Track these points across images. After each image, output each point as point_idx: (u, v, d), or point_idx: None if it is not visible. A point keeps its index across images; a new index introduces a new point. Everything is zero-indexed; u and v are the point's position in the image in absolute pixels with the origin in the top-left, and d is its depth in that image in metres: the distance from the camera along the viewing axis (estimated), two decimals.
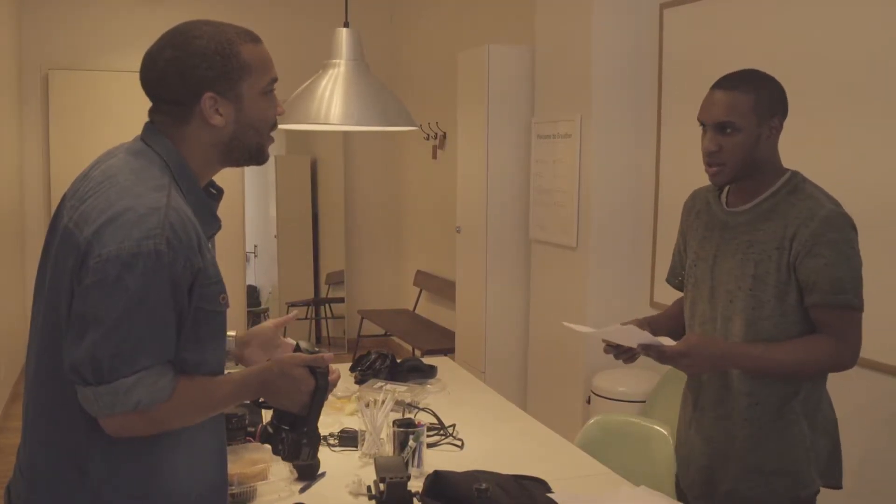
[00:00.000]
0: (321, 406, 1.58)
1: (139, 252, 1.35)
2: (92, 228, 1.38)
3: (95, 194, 1.42)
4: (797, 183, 2.01)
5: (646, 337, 1.98)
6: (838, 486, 2.09)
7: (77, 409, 1.41)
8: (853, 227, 1.95)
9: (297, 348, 1.67)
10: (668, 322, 2.29)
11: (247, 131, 1.53)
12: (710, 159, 2.01)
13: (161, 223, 1.37)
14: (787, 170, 2.05)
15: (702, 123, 2.03)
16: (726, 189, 2.14)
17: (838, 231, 1.92)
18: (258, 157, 1.58)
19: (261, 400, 1.60)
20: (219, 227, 1.58)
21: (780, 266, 1.96)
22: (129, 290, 1.34)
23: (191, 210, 1.46)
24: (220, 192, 1.62)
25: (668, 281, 2.36)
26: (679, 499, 2.25)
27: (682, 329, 2.25)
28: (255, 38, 1.55)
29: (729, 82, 2.00)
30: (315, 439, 1.60)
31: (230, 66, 1.48)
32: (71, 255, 1.40)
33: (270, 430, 1.61)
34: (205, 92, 1.47)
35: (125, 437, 1.42)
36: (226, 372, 1.58)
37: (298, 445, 1.59)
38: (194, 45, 1.47)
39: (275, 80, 1.56)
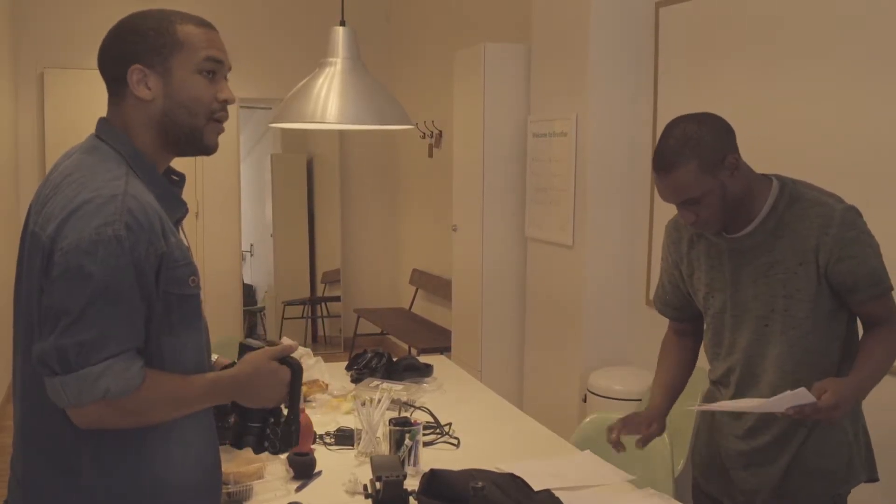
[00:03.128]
0: (300, 391, 1.58)
1: (99, 239, 1.35)
2: (53, 225, 1.38)
3: (55, 195, 1.43)
4: (791, 190, 1.96)
5: (792, 398, 1.83)
6: (876, 479, 2.08)
7: (63, 412, 1.40)
8: (860, 214, 1.93)
9: (249, 347, 1.60)
10: (675, 387, 2.21)
11: (178, 109, 1.51)
12: (694, 226, 1.99)
13: (119, 209, 1.37)
14: (769, 178, 2.00)
15: None
16: None
17: (854, 226, 1.90)
18: (197, 144, 1.54)
19: (229, 406, 1.58)
20: (185, 211, 1.57)
21: (809, 279, 1.92)
22: (92, 277, 1.35)
23: (153, 196, 1.46)
24: (182, 177, 1.62)
25: (668, 315, 2.28)
26: (697, 499, 2.24)
27: (687, 376, 2.23)
28: (201, 22, 1.54)
29: (664, 162, 1.92)
30: (299, 423, 1.60)
31: (161, 41, 1.49)
32: (37, 256, 1.41)
33: (243, 433, 1.58)
34: (132, 64, 1.48)
35: (98, 430, 1.41)
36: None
37: (289, 434, 1.58)
38: (131, 23, 1.51)
39: (212, 59, 1.52)
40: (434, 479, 1.98)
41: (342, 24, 3.11)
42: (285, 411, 1.59)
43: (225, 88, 1.56)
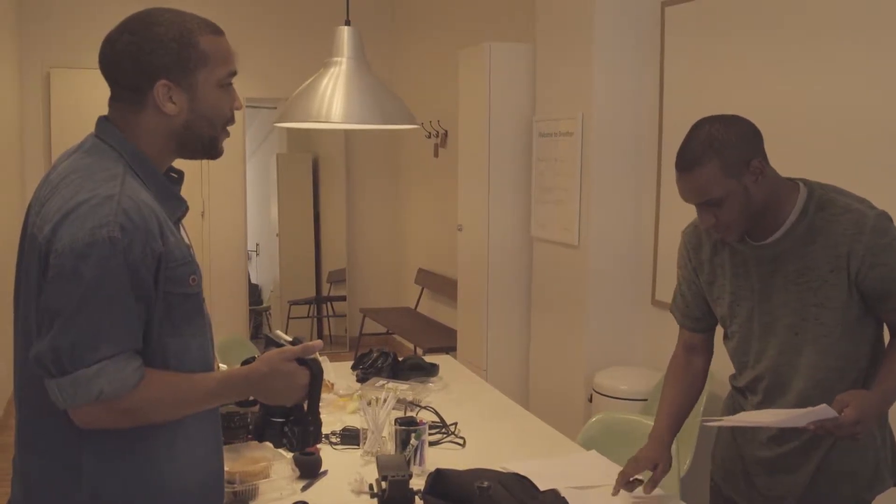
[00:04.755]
0: (319, 393, 1.57)
1: (93, 241, 1.35)
2: (49, 227, 1.38)
3: (53, 196, 1.43)
4: (820, 195, 1.91)
5: (813, 413, 1.79)
6: None
7: (64, 411, 1.40)
8: (891, 220, 1.89)
9: (274, 342, 1.61)
10: (680, 416, 2.16)
11: (200, 122, 1.51)
12: (714, 230, 1.94)
13: (114, 210, 1.37)
14: (796, 182, 1.95)
15: None
16: None
17: (887, 233, 1.86)
18: (211, 151, 1.56)
19: (250, 398, 1.59)
20: (185, 209, 1.57)
21: (840, 287, 1.88)
22: (85, 279, 1.34)
23: (151, 195, 1.46)
24: (181, 175, 1.61)
25: (688, 326, 2.20)
26: (715, 499, 2.22)
27: (694, 402, 2.18)
28: (216, 30, 1.53)
29: (686, 161, 1.88)
30: (319, 423, 1.59)
31: (186, 54, 1.48)
32: (34, 258, 1.41)
33: (264, 426, 1.59)
34: (159, 79, 1.47)
35: (100, 429, 1.41)
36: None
37: (307, 434, 1.58)
38: (152, 31, 1.47)
39: (233, 73, 1.55)
40: (440, 479, 1.98)
41: (347, 23, 3.11)
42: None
43: (236, 96, 1.57)
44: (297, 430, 1.57)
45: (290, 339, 1.59)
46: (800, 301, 1.93)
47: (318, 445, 2.33)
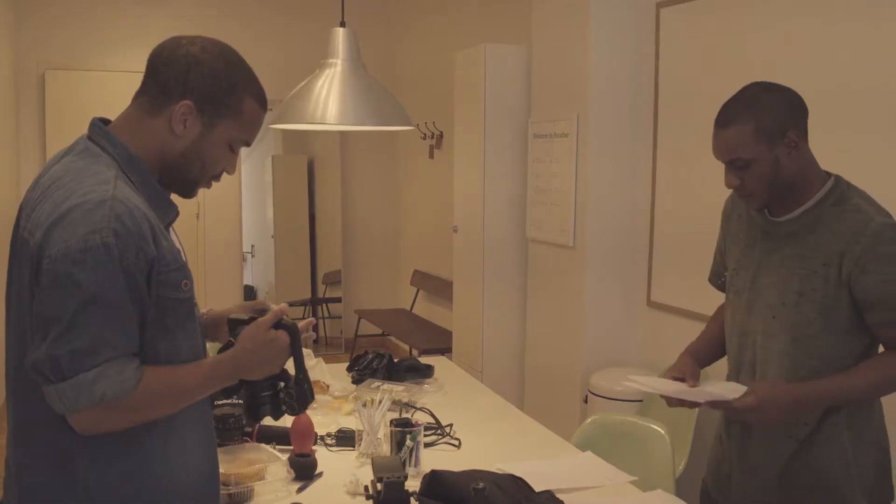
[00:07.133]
0: (301, 349, 1.61)
1: (87, 247, 1.35)
2: (41, 232, 1.38)
3: (44, 200, 1.43)
4: (842, 192, 1.89)
5: (710, 392, 1.84)
6: None
7: (60, 415, 1.39)
8: None
9: (240, 322, 1.62)
10: (712, 348, 2.17)
11: (194, 160, 1.54)
12: (737, 193, 1.95)
13: (107, 215, 1.37)
14: (830, 175, 1.93)
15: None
16: None
17: (892, 244, 1.82)
18: (187, 189, 1.59)
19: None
20: (176, 214, 1.58)
21: (827, 282, 1.86)
22: (81, 286, 1.34)
23: (143, 200, 1.46)
24: None
25: (710, 281, 2.25)
26: (703, 502, 2.21)
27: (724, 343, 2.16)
28: (263, 104, 1.58)
29: (724, 117, 1.90)
30: (309, 379, 1.63)
31: (226, 99, 1.51)
32: (26, 262, 1.41)
33: (257, 405, 1.60)
34: (189, 98, 1.49)
35: (100, 433, 1.41)
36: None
37: (303, 392, 1.61)
38: (215, 62, 1.50)
39: (247, 143, 1.59)
40: (435, 480, 1.98)
41: (342, 25, 3.11)
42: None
43: (234, 162, 1.60)
44: (294, 392, 1.61)
45: (251, 314, 1.61)
46: (784, 284, 1.93)
47: (314, 447, 2.34)
